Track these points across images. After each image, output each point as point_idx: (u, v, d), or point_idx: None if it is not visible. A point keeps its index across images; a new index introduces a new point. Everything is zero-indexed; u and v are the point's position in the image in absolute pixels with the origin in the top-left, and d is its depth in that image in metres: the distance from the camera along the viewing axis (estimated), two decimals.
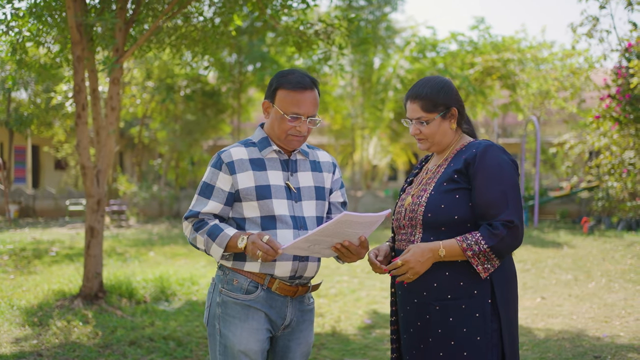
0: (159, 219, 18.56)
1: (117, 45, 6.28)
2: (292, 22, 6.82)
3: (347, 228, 2.29)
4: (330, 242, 2.36)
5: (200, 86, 18.68)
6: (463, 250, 2.29)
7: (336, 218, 2.24)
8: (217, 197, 2.55)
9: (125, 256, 10.16)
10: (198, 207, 2.56)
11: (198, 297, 7.06)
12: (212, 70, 17.21)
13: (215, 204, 2.55)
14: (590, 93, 17.15)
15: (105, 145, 6.53)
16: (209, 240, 2.48)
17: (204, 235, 2.50)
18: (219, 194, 2.55)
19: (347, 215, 2.23)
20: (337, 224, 2.26)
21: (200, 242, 2.53)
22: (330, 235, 2.32)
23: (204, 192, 2.58)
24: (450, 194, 2.38)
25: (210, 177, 2.58)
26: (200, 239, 2.51)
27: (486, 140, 2.43)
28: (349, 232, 2.32)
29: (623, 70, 14.93)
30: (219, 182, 2.56)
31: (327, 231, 2.29)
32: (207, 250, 2.52)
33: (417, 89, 2.50)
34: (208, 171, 2.61)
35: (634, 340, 5.29)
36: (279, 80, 2.58)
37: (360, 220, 2.27)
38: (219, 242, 2.47)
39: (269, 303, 2.54)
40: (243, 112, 19.78)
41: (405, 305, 2.48)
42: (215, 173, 2.57)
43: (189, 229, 2.57)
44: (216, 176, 2.56)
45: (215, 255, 2.50)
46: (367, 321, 6.18)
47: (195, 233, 2.53)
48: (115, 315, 6.05)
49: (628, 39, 15.15)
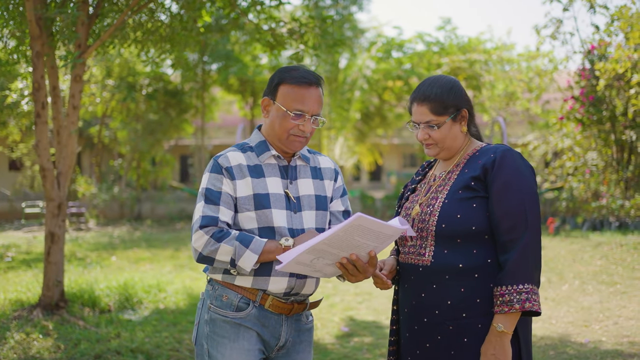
0: (120, 221, 18.04)
1: (80, 41, 5.94)
2: (263, 19, 6.55)
3: (359, 237, 2.03)
4: (336, 255, 2.10)
5: (163, 85, 18.23)
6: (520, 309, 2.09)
7: (348, 221, 1.97)
8: (226, 203, 2.28)
9: (86, 261, 9.74)
10: (211, 213, 2.25)
11: (166, 304, 6.75)
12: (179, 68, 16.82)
13: (227, 211, 2.28)
14: (554, 94, 17.33)
15: (66, 146, 6.17)
16: (241, 247, 2.19)
17: (231, 243, 2.19)
18: (228, 199, 2.29)
19: (360, 219, 1.96)
20: (349, 229, 1.99)
21: (224, 253, 2.21)
22: (338, 246, 2.06)
23: (211, 199, 2.28)
24: (466, 203, 2.18)
25: (213, 182, 2.30)
26: (227, 248, 2.20)
27: (502, 145, 2.24)
28: (359, 242, 2.06)
29: (586, 72, 15.12)
30: (224, 187, 2.29)
31: (336, 238, 2.02)
32: (236, 260, 2.21)
33: (425, 90, 2.29)
34: (207, 178, 2.32)
35: (617, 346, 5.21)
36: (281, 75, 2.36)
37: (375, 227, 2.01)
38: (253, 247, 2.18)
39: (262, 321, 2.31)
40: (207, 112, 19.39)
41: (412, 325, 2.26)
42: (218, 178, 2.30)
43: (205, 240, 2.22)
44: (220, 181, 2.30)
45: (246, 265, 2.21)
46: (344, 329, 5.97)
47: (218, 243, 2.21)
48: (77, 326, 5.70)
49: (591, 42, 15.35)
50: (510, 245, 2.11)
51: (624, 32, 13.09)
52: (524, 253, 2.09)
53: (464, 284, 2.15)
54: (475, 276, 2.15)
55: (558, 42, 29.78)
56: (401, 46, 17.81)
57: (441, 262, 2.18)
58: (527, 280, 2.09)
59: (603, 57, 14.66)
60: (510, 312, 2.08)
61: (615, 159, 15.24)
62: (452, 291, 2.16)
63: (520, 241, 2.10)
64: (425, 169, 2.50)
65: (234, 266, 2.22)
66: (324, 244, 2.04)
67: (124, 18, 6.06)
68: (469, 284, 2.15)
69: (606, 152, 15.39)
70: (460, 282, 2.16)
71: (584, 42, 15.77)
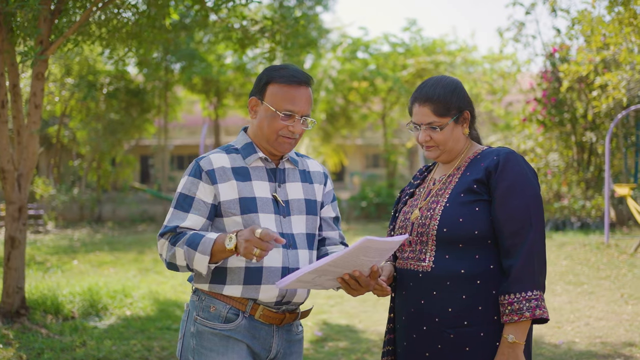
0: (80, 223, 17.58)
1: (42, 37, 5.70)
2: (234, 17, 6.41)
3: (363, 255, 1.96)
4: (339, 272, 2.02)
5: (124, 84, 17.83)
6: (531, 316, 2.02)
7: (356, 245, 1.90)
8: (198, 210, 2.17)
9: (46, 266, 9.41)
10: (175, 222, 2.17)
11: (132, 311, 6.54)
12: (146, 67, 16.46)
13: (196, 218, 2.17)
14: (517, 96, 17.57)
15: (27, 147, 5.92)
16: (190, 250, 2.08)
17: (182, 247, 2.09)
18: (200, 206, 2.18)
19: (368, 241, 1.89)
20: (356, 251, 1.92)
21: (179, 257, 2.11)
22: (342, 266, 1.98)
23: (182, 204, 2.19)
24: (469, 207, 2.10)
25: (189, 187, 2.20)
26: (180, 251, 2.10)
27: (505, 147, 2.17)
28: (363, 260, 1.99)
29: (548, 74, 15.37)
30: (199, 193, 2.18)
31: (341, 261, 1.95)
32: (190, 264, 2.10)
33: (428, 91, 2.21)
34: (185, 181, 2.22)
35: (590, 347, 5.24)
36: (270, 73, 2.25)
37: (380, 246, 1.94)
38: (202, 249, 2.06)
39: (252, 333, 2.19)
40: (170, 112, 19.06)
41: (411, 334, 2.17)
42: (195, 182, 2.19)
43: (166, 247, 2.14)
44: (195, 186, 2.19)
45: (200, 268, 2.09)
46: (318, 333, 5.87)
47: (173, 248, 2.12)
48: (40, 334, 5.46)
49: (553, 44, 15.61)
50: (515, 250, 2.05)
51: (584, 36, 13.32)
52: (529, 258, 2.02)
53: (466, 291, 2.08)
54: (478, 283, 2.08)
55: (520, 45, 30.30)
56: (367, 47, 17.80)
57: (442, 268, 2.11)
58: (534, 286, 2.03)
59: (564, 60, 14.93)
60: (520, 320, 2.01)
61: (576, 160, 15.53)
62: (453, 298, 2.08)
63: (525, 246, 2.03)
64: (424, 173, 2.41)
65: (192, 270, 2.14)
66: (329, 265, 1.97)
67: (89, 14, 5.84)
68: (471, 291, 2.08)
69: (567, 154, 15.68)
70: (462, 288, 2.08)
71: (546, 45, 16.04)
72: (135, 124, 18.87)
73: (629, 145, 14.70)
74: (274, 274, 2.17)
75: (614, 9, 11.01)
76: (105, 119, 18.12)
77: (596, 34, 11.71)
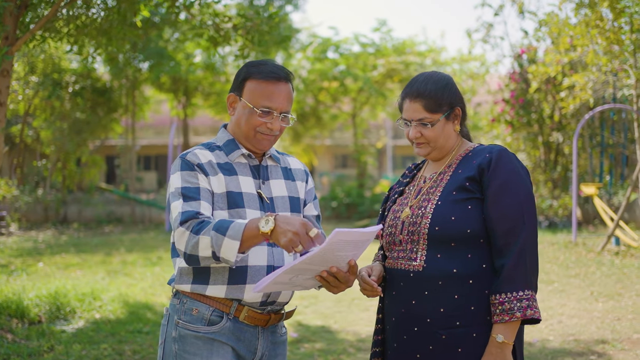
0: (44, 225, 17.18)
1: (8, 33, 5.52)
2: (206, 15, 6.30)
3: (338, 251, 1.91)
4: (316, 270, 1.96)
5: (91, 82, 17.48)
6: (522, 316, 1.99)
7: (328, 240, 1.84)
8: (206, 199, 2.07)
9: (10, 268, 9.14)
10: (194, 207, 2.03)
11: (102, 314, 6.38)
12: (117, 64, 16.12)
13: (208, 206, 2.06)
14: (485, 97, 17.75)
15: None
16: (218, 236, 1.92)
17: (209, 233, 1.94)
18: (207, 194, 2.08)
19: (339, 234, 1.83)
20: (329, 247, 1.86)
21: (204, 246, 1.95)
22: (318, 263, 1.92)
23: (189, 195, 2.06)
24: (461, 205, 2.06)
25: (187, 179, 2.09)
26: (205, 240, 1.94)
27: (497, 145, 2.14)
28: (338, 255, 1.93)
29: (516, 75, 15.57)
30: (201, 182, 2.09)
31: (316, 257, 1.88)
32: (217, 251, 1.94)
33: (419, 86, 2.16)
34: (179, 176, 2.11)
35: (564, 344, 5.28)
36: (248, 69, 2.19)
37: (352, 238, 1.88)
38: (231, 234, 1.91)
39: (237, 335, 2.12)
40: (137, 111, 18.76)
41: (401, 335, 2.12)
42: (192, 174, 2.10)
43: (186, 236, 1.98)
44: (194, 177, 2.10)
45: (229, 255, 1.93)
46: (293, 335, 5.80)
47: (197, 236, 1.96)
48: (5, 339, 5.28)
49: (521, 46, 15.81)
50: (507, 249, 2.01)
51: (551, 38, 13.52)
52: (522, 258, 1.99)
53: (458, 291, 2.04)
54: (470, 282, 2.04)
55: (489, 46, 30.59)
56: (337, 47, 17.78)
57: (434, 268, 2.06)
58: (526, 286, 1.99)
59: (532, 61, 15.14)
60: (511, 320, 1.97)
61: (543, 160, 15.76)
62: (445, 298, 2.04)
63: (517, 245, 2.00)
64: (413, 171, 2.37)
65: (218, 259, 1.97)
66: (304, 264, 1.90)
67: (56, 10, 5.67)
68: (464, 291, 2.03)
69: (534, 154, 15.90)
70: (454, 288, 2.04)
71: (514, 47, 16.25)
72: (101, 124, 18.52)
73: (594, 146, 14.98)
74: (258, 273, 2.11)
75: (580, 12, 11.21)
76: (70, 118, 17.73)
77: (563, 36, 11.89)
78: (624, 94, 11.87)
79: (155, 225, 16.98)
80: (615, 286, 7.53)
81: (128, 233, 15.13)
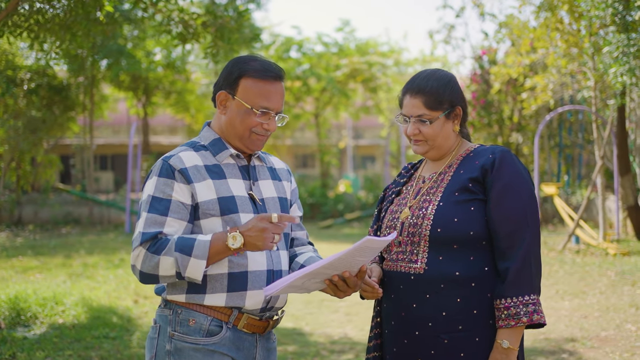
0: None
1: None
2: (174, 11, 6.15)
3: (359, 256, 1.86)
4: (329, 274, 1.91)
5: (47, 80, 16.97)
6: (528, 321, 1.96)
7: (356, 245, 1.80)
8: (177, 213, 1.97)
9: None
10: (154, 227, 1.95)
11: (65, 319, 6.16)
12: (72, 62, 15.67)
13: (177, 222, 1.97)
14: None
15: None
16: (183, 257, 1.88)
17: (172, 254, 1.89)
18: (179, 209, 1.98)
19: (370, 241, 1.79)
20: (354, 252, 1.82)
21: (166, 266, 1.90)
22: (336, 267, 1.87)
23: (157, 208, 1.97)
24: (463, 206, 2.02)
25: (162, 188, 1.99)
26: (167, 260, 1.89)
27: (498, 145, 2.11)
28: (357, 260, 1.88)
29: (477, 76, 15.77)
30: (175, 194, 1.98)
31: (338, 262, 1.84)
32: (183, 272, 1.90)
33: (420, 82, 2.11)
34: (154, 183, 2.00)
35: (536, 343, 5.33)
36: (242, 66, 2.09)
37: (377, 245, 1.86)
38: (197, 253, 1.88)
39: (237, 345, 2.03)
40: (96, 110, 18.31)
41: (402, 339, 2.06)
42: (168, 183, 1.99)
43: (142, 256, 1.92)
44: (170, 187, 1.99)
45: (195, 274, 1.91)
46: None
47: (157, 256, 1.90)
48: None
49: (481, 47, 16.03)
50: (511, 252, 1.98)
51: (511, 40, 13.74)
52: (526, 261, 1.96)
53: (461, 294, 1.99)
54: (472, 285, 2.00)
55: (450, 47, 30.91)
56: (300, 46, 17.71)
57: (436, 270, 2.02)
58: (532, 290, 1.96)
59: (493, 63, 15.36)
60: (517, 325, 1.94)
61: None
62: (447, 301, 2.00)
63: (521, 248, 1.97)
64: (410, 170, 2.31)
65: (182, 278, 1.93)
66: (324, 268, 1.86)
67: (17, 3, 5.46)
68: (466, 294, 1.99)
69: None
70: (456, 291, 2.00)
71: (475, 48, 16.46)
72: (57, 122, 18.00)
73: (552, 146, 15.29)
74: (259, 278, 2.02)
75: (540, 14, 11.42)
76: (25, 117, 17.19)
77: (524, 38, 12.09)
78: (583, 95, 12.13)
79: (114, 226, 16.61)
80: (579, 284, 7.66)
81: (87, 234, 14.76)
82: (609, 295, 7.01)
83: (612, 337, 5.41)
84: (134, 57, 16.48)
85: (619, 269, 8.40)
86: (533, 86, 11.81)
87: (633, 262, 8.72)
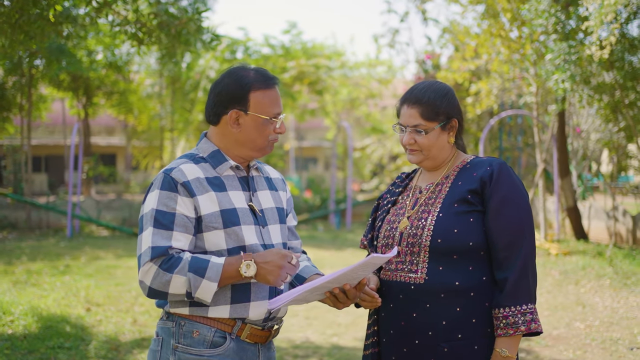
0: None
1: None
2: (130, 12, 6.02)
3: (362, 271, 1.92)
4: (330, 287, 1.97)
5: None
6: (526, 330, 2.03)
7: (362, 262, 1.86)
8: (182, 227, 1.96)
9: None
10: (163, 242, 1.92)
11: (14, 329, 5.93)
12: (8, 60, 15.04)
13: (183, 236, 1.96)
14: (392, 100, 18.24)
15: None
16: (196, 278, 1.88)
17: (184, 274, 1.89)
18: (184, 222, 1.97)
19: (375, 258, 1.86)
20: (359, 268, 1.88)
21: (178, 285, 1.90)
22: (340, 281, 1.93)
23: (161, 222, 1.95)
24: (463, 217, 2.07)
25: (165, 202, 1.97)
26: (180, 279, 1.89)
27: (495, 158, 2.18)
28: (358, 274, 1.94)
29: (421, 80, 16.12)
30: (179, 208, 1.97)
31: (342, 277, 1.89)
32: (193, 292, 1.90)
33: (418, 93, 2.17)
34: (156, 196, 1.99)
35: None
36: (245, 81, 2.08)
37: (381, 262, 1.92)
38: (210, 276, 1.88)
39: (240, 355, 2.04)
40: (34, 110, 17.67)
41: (401, 347, 2.11)
42: (171, 196, 1.98)
43: (153, 273, 1.90)
44: (173, 200, 1.97)
45: (205, 296, 1.91)
46: None
47: (169, 274, 1.89)
48: None
49: (425, 52, 16.38)
50: (508, 262, 2.05)
51: (454, 45, 14.09)
52: (524, 271, 2.04)
53: (461, 303, 2.05)
54: (471, 295, 2.06)
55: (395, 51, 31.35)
56: (246, 47, 17.61)
57: (437, 280, 2.07)
58: (529, 300, 2.04)
59: (436, 67, 15.71)
60: (515, 334, 2.01)
61: None
62: (447, 311, 2.05)
63: (519, 258, 2.04)
64: (405, 180, 2.36)
65: (191, 298, 1.94)
66: (329, 282, 1.91)
67: None
68: (466, 303, 2.05)
69: None
70: (456, 301, 2.05)
71: (418, 52, 16.80)
72: None
73: (493, 149, 15.76)
74: (262, 289, 2.04)
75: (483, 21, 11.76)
76: None
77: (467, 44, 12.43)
78: (526, 101, 12.56)
79: (54, 230, 16.05)
80: None
81: (25, 240, 14.21)
82: (555, 295, 7.30)
83: (564, 335, 5.64)
84: (75, 56, 15.99)
85: (562, 268, 8.75)
86: (478, 91, 12.15)
87: (574, 262, 9.10)
